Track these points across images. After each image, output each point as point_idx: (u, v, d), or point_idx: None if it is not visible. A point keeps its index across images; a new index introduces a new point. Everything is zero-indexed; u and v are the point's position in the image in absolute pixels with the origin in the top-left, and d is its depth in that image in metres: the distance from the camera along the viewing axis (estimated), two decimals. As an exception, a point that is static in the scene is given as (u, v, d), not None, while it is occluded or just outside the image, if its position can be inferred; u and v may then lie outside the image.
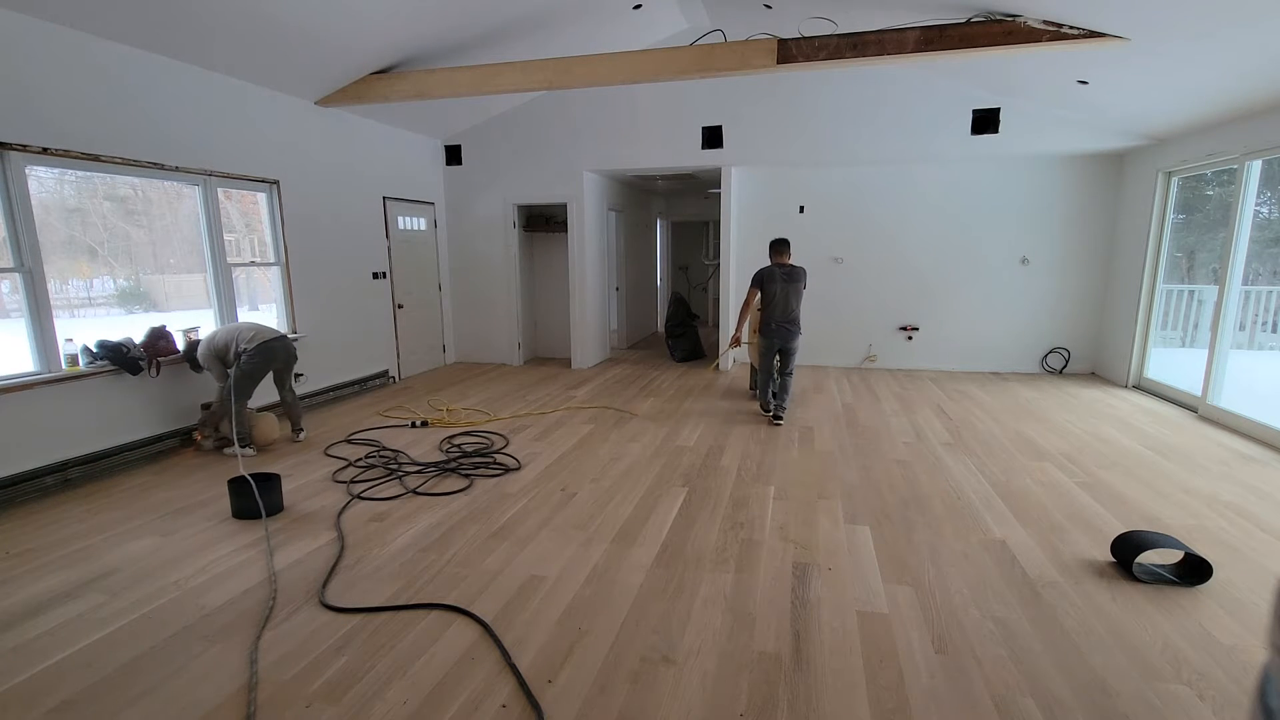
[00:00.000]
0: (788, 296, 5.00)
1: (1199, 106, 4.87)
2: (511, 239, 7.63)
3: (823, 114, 6.59)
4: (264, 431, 4.50)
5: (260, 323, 4.56)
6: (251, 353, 4.25)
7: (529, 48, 5.69)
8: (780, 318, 5.03)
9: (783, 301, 5.01)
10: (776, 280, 4.99)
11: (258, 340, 4.30)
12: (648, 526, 3.22)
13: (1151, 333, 6.14)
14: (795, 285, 5.01)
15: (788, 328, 5.03)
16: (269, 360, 4.37)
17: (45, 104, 3.70)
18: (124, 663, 2.16)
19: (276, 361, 4.46)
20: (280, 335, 4.48)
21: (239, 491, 3.33)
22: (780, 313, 5.02)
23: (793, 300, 5.02)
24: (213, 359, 4.30)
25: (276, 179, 5.33)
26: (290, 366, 4.66)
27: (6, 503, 3.54)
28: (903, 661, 2.16)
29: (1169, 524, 3.19)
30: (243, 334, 4.32)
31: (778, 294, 5.00)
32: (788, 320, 5.03)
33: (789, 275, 5.01)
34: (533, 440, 4.69)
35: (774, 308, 5.03)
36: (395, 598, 2.56)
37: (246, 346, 4.25)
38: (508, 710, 1.93)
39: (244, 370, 4.24)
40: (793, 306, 5.03)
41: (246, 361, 4.23)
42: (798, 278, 5.03)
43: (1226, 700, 1.96)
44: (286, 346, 4.52)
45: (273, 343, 4.37)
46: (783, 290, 5.00)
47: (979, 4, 4.10)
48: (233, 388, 4.23)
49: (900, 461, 4.18)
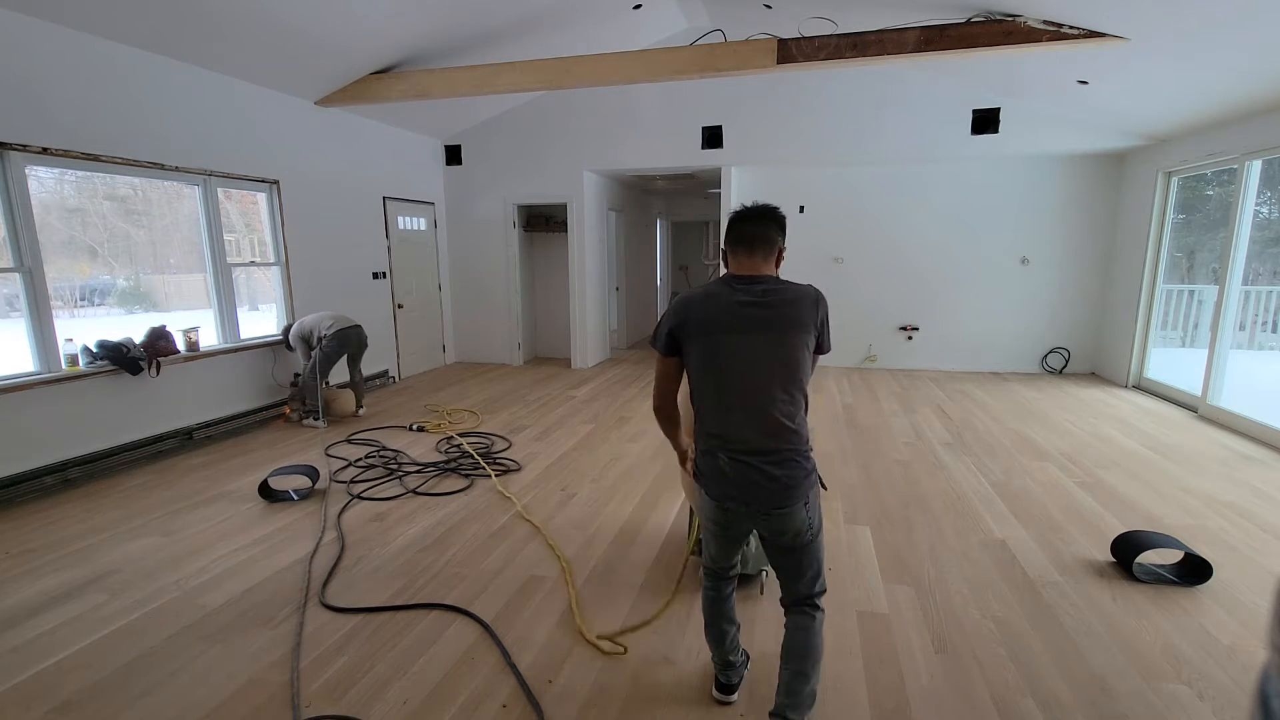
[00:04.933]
0: (748, 370, 1.66)
1: (1199, 106, 4.87)
2: (511, 239, 7.62)
3: (823, 114, 6.59)
4: (342, 405, 5.25)
5: (341, 313, 5.24)
6: (330, 338, 4.90)
7: (529, 48, 5.69)
8: (735, 431, 1.68)
9: (739, 379, 1.67)
10: (719, 324, 1.68)
11: (335, 328, 4.93)
12: (648, 526, 3.22)
13: (1151, 333, 6.13)
14: (780, 337, 1.66)
15: (757, 466, 1.65)
16: (344, 345, 5.00)
17: (45, 104, 3.70)
18: (124, 663, 2.16)
19: (350, 346, 5.09)
20: (355, 325, 5.10)
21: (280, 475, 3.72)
22: (737, 416, 1.68)
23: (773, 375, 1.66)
24: (300, 341, 5.04)
25: (276, 179, 5.33)
26: (361, 353, 5.31)
27: (6, 503, 3.54)
28: (903, 661, 2.16)
29: (1169, 524, 3.19)
30: (324, 322, 4.98)
31: (727, 361, 1.68)
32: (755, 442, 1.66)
33: (759, 308, 1.67)
34: (533, 440, 4.69)
35: (720, 396, 1.70)
36: (395, 598, 2.56)
37: (326, 333, 4.91)
38: (508, 710, 1.93)
39: (324, 353, 4.91)
40: (773, 394, 1.65)
41: (326, 345, 4.89)
42: (789, 315, 1.66)
43: (1226, 700, 1.96)
44: (359, 335, 5.15)
45: (348, 330, 4.99)
46: (738, 350, 1.66)
47: (979, 4, 4.10)
48: (314, 368, 4.92)
49: (900, 461, 4.18)
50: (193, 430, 4.65)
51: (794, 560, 1.75)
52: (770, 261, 1.76)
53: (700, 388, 1.74)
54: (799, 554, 1.74)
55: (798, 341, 1.66)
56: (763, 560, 2.52)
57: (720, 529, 1.81)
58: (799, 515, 1.67)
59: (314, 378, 4.95)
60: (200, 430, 4.70)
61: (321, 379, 5.00)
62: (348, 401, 5.28)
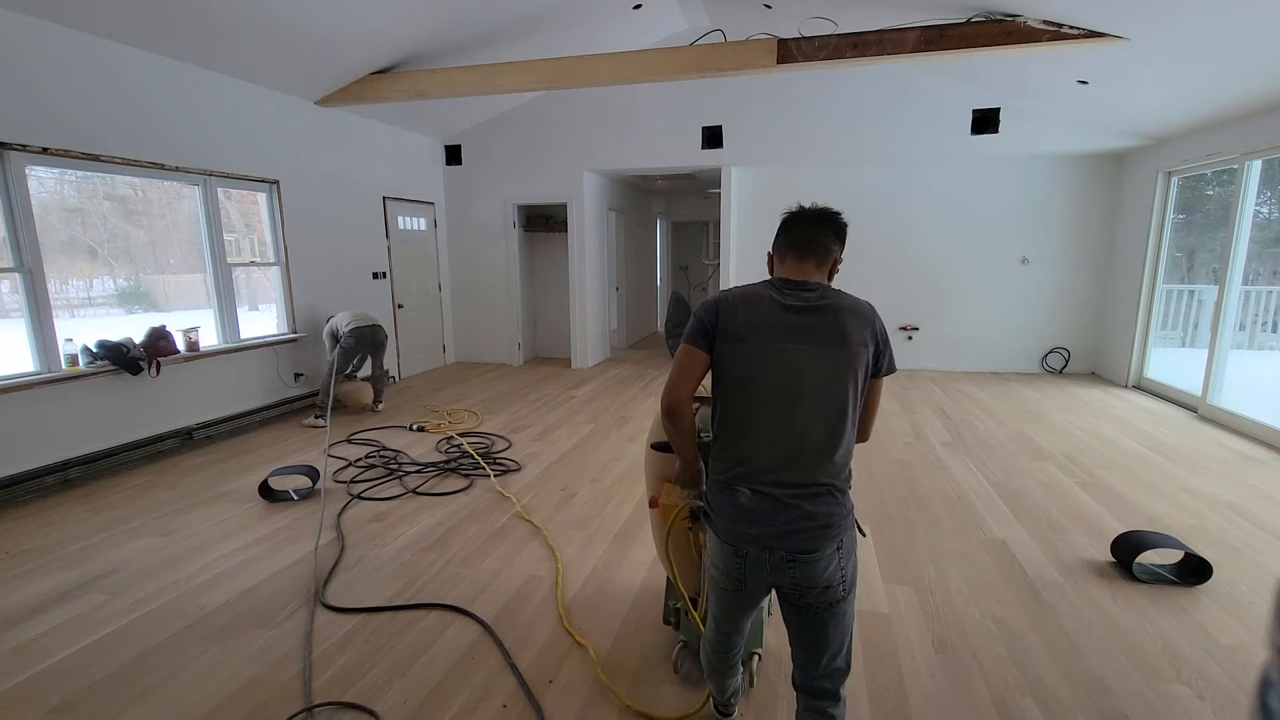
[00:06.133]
0: (789, 387, 1.39)
1: (1199, 106, 4.87)
2: (511, 239, 7.62)
3: (823, 114, 6.59)
4: (360, 397, 5.39)
5: (365, 311, 5.53)
6: (348, 334, 5.10)
7: (529, 48, 5.69)
8: (767, 457, 1.40)
9: (779, 396, 1.40)
10: (762, 331, 1.42)
11: (354, 325, 5.14)
12: (648, 526, 3.22)
13: (1151, 333, 6.13)
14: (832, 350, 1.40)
15: (785, 501, 1.38)
16: (360, 343, 5.18)
17: (45, 104, 3.70)
18: (124, 663, 2.16)
19: (367, 344, 5.25)
20: (374, 323, 5.29)
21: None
22: (771, 439, 1.40)
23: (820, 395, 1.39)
24: (328, 337, 5.28)
25: (276, 179, 5.33)
26: (380, 350, 5.48)
27: (6, 503, 3.54)
28: (903, 661, 2.16)
29: (1169, 524, 3.18)
30: (346, 319, 5.19)
31: (765, 374, 1.41)
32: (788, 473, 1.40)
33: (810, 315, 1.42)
34: (533, 440, 4.69)
35: (753, 415, 1.42)
36: (395, 598, 2.56)
37: (345, 329, 5.11)
38: (508, 710, 1.93)
39: (343, 349, 5.10)
40: (817, 416, 1.39)
41: (344, 341, 5.10)
42: (844, 327, 1.41)
43: (1226, 700, 1.96)
44: (376, 333, 5.30)
45: (364, 328, 5.18)
46: (780, 363, 1.40)
47: (979, 4, 4.10)
48: (334, 362, 5.11)
49: (900, 461, 4.18)
50: (193, 430, 4.65)
51: (818, 627, 1.42)
52: (823, 273, 1.52)
53: (729, 403, 1.44)
54: (825, 618, 1.41)
55: (852, 358, 1.40)
56: (754, 641, 2.02)
57: (733, 584, 1.45)
58: (830, 563, 1.38)
59: (330, 374, 5.12)
60: (200, 430, 4.70)
61: (339, 375, 5.17)
62: (365, 394, 5.42)
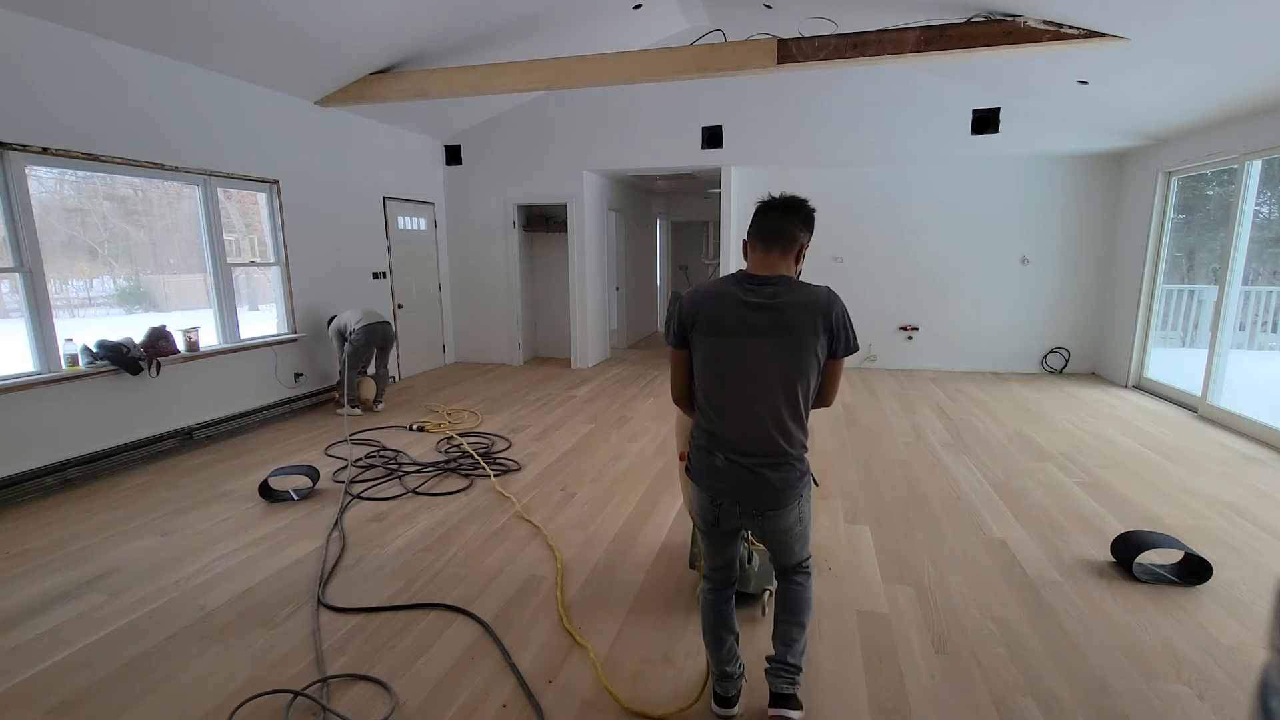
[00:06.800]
0: (750, 375, 1.66)
1: (1199, 106, 4.87)
2: (511, 239, 7.62)
3: (822, 114, 6.59)
4: (363, 391, 5.51)
5: (374, 308, 5.68)
6: (357, 332, 5.20)
7: (529, 48, 5.69)
8: (734, 432, 1.70)
9: (740, 382, 1.67)
10: (724, 325, 1.67)
11: (363, 323, 5.21)
12: (648, 526, 3.22)
13: (1151, 333, 6.13)
14: (785, 342, 1.63)
15: (751, 469, 1.68)
16: (369, 340, 5.27)
17: (45, 104, 3.70)
18: (124, 663, 2.16)
19: (376, 341, 5.34)
20: (384, 321, 5.37)
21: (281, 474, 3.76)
22: (737, 418, 1.69)
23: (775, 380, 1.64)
24: (336, 334, 5.38)
25: (276, 179, 5.33)
26: (387, 348, 5.58)
27: (6, 503, 3.54)
28: (903, 661, 2.16)
29: (1169, 524, 3.19)
30: (354, 316, 5.28)
31: (730, 364, 1.68)
32: (752, 445, 1.68)
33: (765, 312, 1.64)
34: (533, 440, 4.69)
35: (720, 397, 1.71)
36: (395, 598, 2.56)
37: (354, 327, 5.20)
38: (508, 710, 1.93)
39: (353, 346, 5.22)
40: (774, 399, 1.65)
41: (354, 339, 5.21)
42: (796, 320, 1.63)
43: (1226, 700, 1.96)
44: (384, 331, 5.39)
45: (372, 326, 5.26)
46: (741, 354, 1.66)
47: (979, 4, 4.10)
48: (345, 360, 5.25)
49: (900, 461, 4.18)
50: (193, 430, 4.65)
51: (785, 545, 1.82)
52: (789, 259, 1.71)
53: (702, 386, 1.75)
54: (787, 540, 1.80)
55: (803, 347, 1.63)
56: (765, 579, 2.44)
57: (710, 525, 1.82)
58: (790, 515, 1.73)
59: (343, 370, 5.28)
60: (200, 430, 4.70)
61: (352, 370, 5.30)
62: (368, 389, 5.55)
